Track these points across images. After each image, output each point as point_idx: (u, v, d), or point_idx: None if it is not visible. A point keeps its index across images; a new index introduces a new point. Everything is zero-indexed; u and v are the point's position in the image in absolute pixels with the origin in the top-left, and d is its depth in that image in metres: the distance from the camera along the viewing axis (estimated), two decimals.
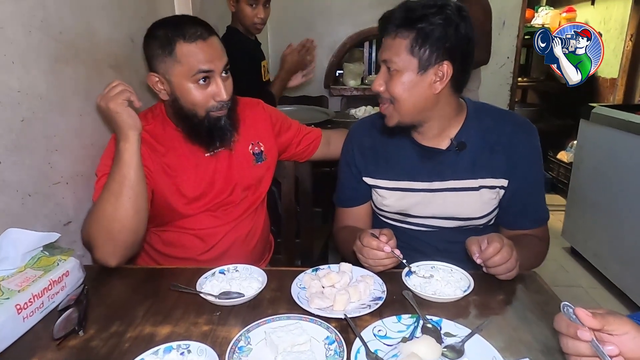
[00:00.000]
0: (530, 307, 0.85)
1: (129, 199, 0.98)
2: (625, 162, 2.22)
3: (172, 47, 1.04)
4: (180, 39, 1.04)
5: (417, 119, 1.04)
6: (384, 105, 1.05)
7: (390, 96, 1.02)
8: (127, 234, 0.99)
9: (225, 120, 1.12)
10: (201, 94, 1.07)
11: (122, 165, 0.99)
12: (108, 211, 0.98)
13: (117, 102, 0.99)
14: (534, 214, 1.11)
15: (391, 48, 0.99)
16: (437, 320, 0.78)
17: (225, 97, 1.08)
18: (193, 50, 1.04)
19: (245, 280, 0.90)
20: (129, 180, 0.98)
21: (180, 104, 1.09)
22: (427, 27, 0.94)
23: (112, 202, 0.98)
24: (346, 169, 1.21)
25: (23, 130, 0.92)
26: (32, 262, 0.86)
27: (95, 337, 0.77)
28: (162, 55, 1.06)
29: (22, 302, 0.77)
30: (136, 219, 1.00)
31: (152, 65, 1.09)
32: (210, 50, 1.06)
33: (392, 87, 1.00)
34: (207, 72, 1.06)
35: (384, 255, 0.91)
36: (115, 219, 0.97)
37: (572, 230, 2.72)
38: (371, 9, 3.24)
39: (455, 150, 1.07)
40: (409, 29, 0.96)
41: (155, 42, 1.07)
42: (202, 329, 0.79)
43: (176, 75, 1.06)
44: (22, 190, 0.92)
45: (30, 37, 0.93)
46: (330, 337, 0.74)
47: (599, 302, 2.29)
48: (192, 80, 1.06)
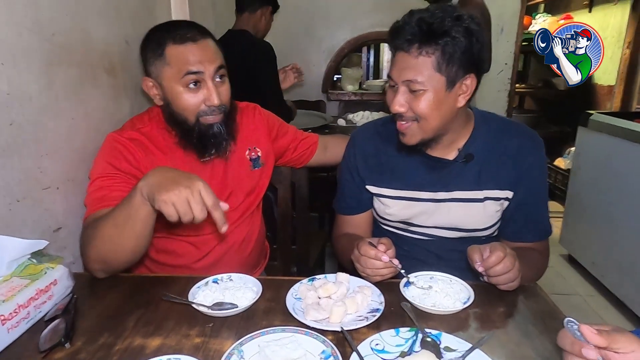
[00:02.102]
0: (531, 321, 0.83)
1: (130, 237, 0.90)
2: (623, 170, 2.21)
3: (162, 49, 1.03)
4: (170, 41, 1.03)
5: (439, 133, 1.01)
6: (405, 124, 1.00)
7: (415, 115, 0.97)
8: (121, 263, 0.95)
9: (219, 127, 1.08)
10: (191, 99, 1.04)
11: (134, 206, 0.86)
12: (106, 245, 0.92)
13: (189, 207, 0.81)
14: (537, 227, 1.09)
15: (415, 67, 0.93)
16: (436, 334, 0.76)
17: (215, 101, 1.04)
18: (182, 52, 1.02)
19: (239, 290, 0.88)
20: (137, 222, 0.88)
21: (172, 108, 1.07)
22: (451, 42, 0.90)
23: (115, 233, 0.90)
24: (348, 176, 1.19)
25: (12, 134, 0.89)
26: (18, 270, 0.83)
27: (82, 349, 0.74)
28: (153, 58, 1.05)
29: (7, 312, 0.74)
30: (131, 255, 0.94)
31: (146, 70, 1.08)
32: (199, 53, 1.03)
33: (418, 107, 0.95)
34: (196, 74, 1.03)
35: (381, 264, 0.89)
36: (113, 250, 0.92)
37: (569, 237, 2.71)
38: (370, 14, 3.24)
39: (462, 161, 1.06)
40: (433, 46, 0.91)
41: (148, 45, 1.06)
42: (194, 341, 0.76)
43: (167, 78, 1.04)
44: (11, 196, 0.89)
45: (21, 38, 0.91)
46: (327, 351, 0.71)
47: (597, 310, 2.27)
48: (181, 83, 1.03)
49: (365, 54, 3.85)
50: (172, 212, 0.80)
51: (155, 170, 0.87)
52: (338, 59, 3.36)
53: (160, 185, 0.81)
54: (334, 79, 3.47)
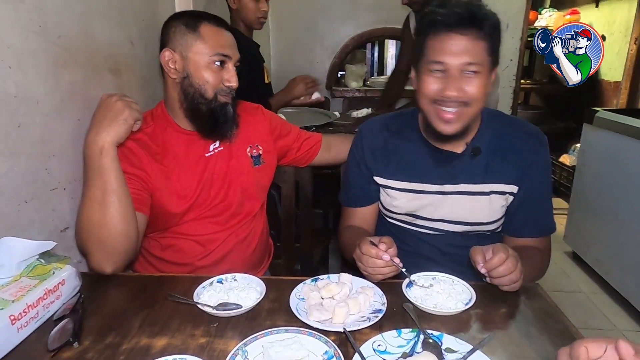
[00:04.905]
0: (533, 322, 0.84)
1: (113, 205, 0.97)
2: (628, 168, 2.20)
3: (197, 25, 1.10)
4: (206, 20, 1.11)
5: (472, 121, 1.04)
6: (453, 110, 0.99)
7: (467, 99, 0.97)
8: (117, 239, 0.97)
9: (230, 108, 1.15)
10: (214, 76, 1.11)
11: (104, 171, 0.97)
12: (94, 219, 0.97)
13: (132, 113, 1.02)
14: (540, 223, 1.10)
15: (473, 50, 0.95)
16: (438, 335, 0.76)
17: (234, 84, 1.13)
18: (217, 33, 1.12)
19: (243, 291, 0.89)
20: (111, 185, 0.97)
21: (190, 81, 1.11)
22: (497, 29, 0.95)
23: (97, 209, 0.97)
24: (355, 168, 1.20)
25: (20, 135, 0.90)
26: (27, 270, 0.85)
27: (90, 348, 0.76)
28: (185, 31, 1.10)
29: (17, 312, 0.75)
30: (124, 222, 0.98)
31: (168, 41, 1.12)
32: (231, 40, 1.15)
33: (472, 90, 0.96)
34: (225, 57, 1.11)
35: (383, 263, 0.89)
36: (103, 225, 0.96)
37: (574, 234, 2.71)
38: (373, 10, 3.23)
39: (470, 155, 1.07)
40: (484, 29, 0.94)
41: (179, 21, 1.12)
42: (199, 341, 0.78)
43: (196, 52, 1.10)
44: (19, 197, 0.91)
45: (28, 41, 0.92)
46: (329, 351, 0.72)
47: (600, 308, 2.27)
48: (210, 60, 1.10)
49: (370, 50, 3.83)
50: (129, 122, 1.01)
51: (89, 134, 1.00)
52: (342, 56, 3.35)
53: (101, 125, 0.99)
54: (338, 75, 3.47)
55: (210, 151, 1.18)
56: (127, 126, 1.01)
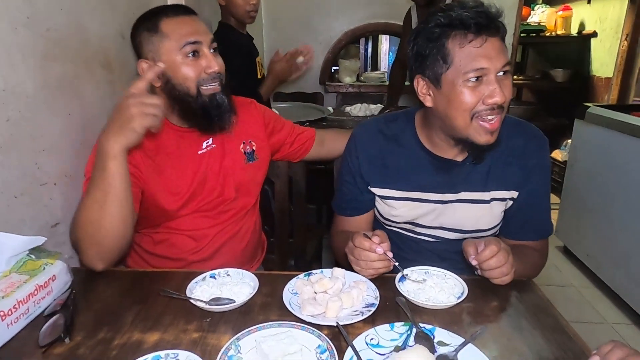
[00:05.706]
0: (524, 315, 0.84)
1: (114, 208, 0.94)
2: (619, 163, 2.22)
3: (157, 24, 1.06)
4: (164, 15, 1.07)
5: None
6: (496, 117, 0.92)
7: (506, 102, 0.92)
8: (113, 240, 0.96)
9: (222, 97, 1.10)
10: (191, 68, 1.07)
11: (108, 175, 0.92)
12: (93, 219, 0.94)
13: (144, 121, 0.91)
14: (538, 227, 1.09)
15: (504, 51, 0.91)
16: (430, 329, 0.77)
17: (216, 67, 1.08)
18: (178, 23, 1.07)
19: (236, 285, 0.89)
20: (114, 188, 0.93)
21: (172, 83, 1.07)
22: (502, 22, 0.92)
23: (97, 211, 0.94)
24: (349, 178, 1.15)
25: (9, 130, 0.89)
26: (17, 266, 0.83)
27: (81, 344, 0.75)
28: (148, 37, 1.07)
29: (7, 308, 0.75)
30: (122, 226, 0.96)
31: (140, 52, 1.09)
32: (194, 24, 1.09)
33: (509, 91, 0.92)
34: (194, 44, 1.06)
35: (375, 257, 0.89)
36: (101, 226, 0.94)
37: (565, 229, 2.73)
38: (366, 5, 3.22)
39: (471, 163, 1.05)
40: (501, 32, 0.92)
41: (140, 27, 1.09)
42: (191, 336, 0.77)
43: (165, 52, 1.06)
44: (9, 192, 0.90)
45: (16, 34, 0.90)
46: (322, 345, 0.72)
47: (591, 302, 2.30)
48: (181, 53, 1.05)
49: (363, 45, 3.82)
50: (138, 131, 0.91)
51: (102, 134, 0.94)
52: (335, 51, 3.34)
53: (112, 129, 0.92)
54: (331, 70, 3.46)
55: (203, 149, 1.17)
56: (136, 135, 0.91)
